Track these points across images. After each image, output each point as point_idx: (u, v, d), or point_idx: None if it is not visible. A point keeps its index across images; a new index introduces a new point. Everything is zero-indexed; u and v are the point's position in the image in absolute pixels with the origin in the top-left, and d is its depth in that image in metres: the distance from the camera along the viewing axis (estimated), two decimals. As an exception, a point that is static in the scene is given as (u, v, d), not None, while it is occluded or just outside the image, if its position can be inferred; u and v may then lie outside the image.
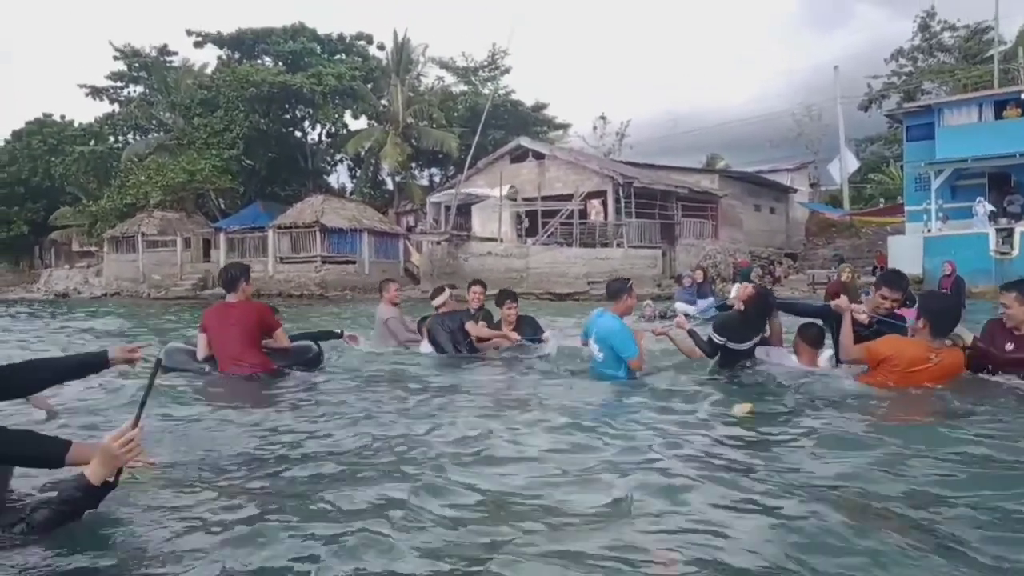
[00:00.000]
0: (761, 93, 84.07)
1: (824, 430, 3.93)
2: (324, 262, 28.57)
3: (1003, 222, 21.58)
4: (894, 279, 5.23)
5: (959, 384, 4.57)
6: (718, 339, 5.57)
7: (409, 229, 33.18)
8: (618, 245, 26.34)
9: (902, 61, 43.34)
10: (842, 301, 5.08)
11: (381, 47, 40.51)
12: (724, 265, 26.00)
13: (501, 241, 27.51)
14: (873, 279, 17.80)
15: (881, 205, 35.36)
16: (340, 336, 6.71)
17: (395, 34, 38.34)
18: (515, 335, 7.03)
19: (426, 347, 7.30)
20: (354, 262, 28.93)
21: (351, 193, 39.66)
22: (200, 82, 36.95)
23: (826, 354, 5.40)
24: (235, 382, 5.25)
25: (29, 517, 2.25)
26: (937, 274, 15.96)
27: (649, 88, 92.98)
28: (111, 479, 2.36)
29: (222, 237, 30.56)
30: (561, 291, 23.49)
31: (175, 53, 41.26)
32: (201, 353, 5.47)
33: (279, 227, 29.45)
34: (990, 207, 22.00)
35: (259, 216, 32.29)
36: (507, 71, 43.43)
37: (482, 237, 28.15)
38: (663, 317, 12.57)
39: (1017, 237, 20.56)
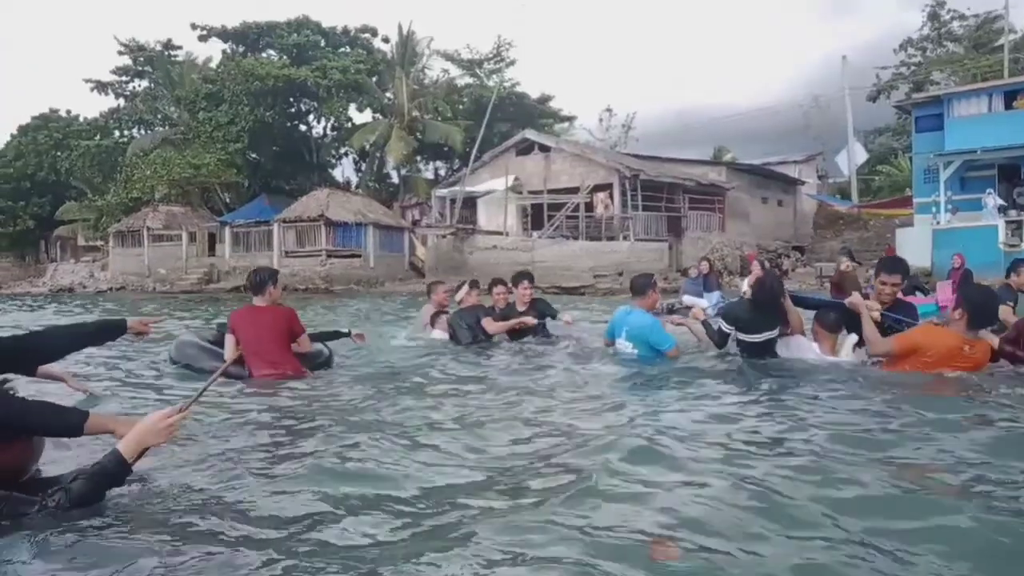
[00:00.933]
0: (769, 84, 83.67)
1: (835, 415, 3.89)
2: (329, 256, 28.56)
3: (1012, 214, 21.38)
4: (890, 263, 5.23)
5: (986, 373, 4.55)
6: (726, 328, 5.54)
7: (414, 223, 33.13)
8: (624, 238, 26.21)
9: (911, 51, 42.92)
10: (856, 299, 5.01)
11: (386, 40, 40.39)
12: (731, 258, 25.87)
13: (507, 235, 27.43)
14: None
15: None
16: (348, 335, 6.65)
17: (400, 27, 38.18)
18: (530, 319, 7.10)
19: (438, 334, 7.40)
20: (359, 256, 28.91)
21: (356, 187, 39.62)
22: (205, 76, 36.97)
23: (850, 339, 5.26)
24: (266, 383, 5.27)
25: (68, 487, 2.34)
26: (946, 266, 15.80)
27: (655, 80, 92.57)
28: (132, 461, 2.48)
29: (227, 231, 30.60)
30: (567, 285, 23.39)
31: (179, 47, 41.32)
32: (229, 355, 5.43)
33: (284, 221, 29.46)
34: (999, 200, 21.78)
35: (264, 210, 32.30)
36: (512, 63, 43.29)
37: (487, 231, 28.06)
38: (670, 311, 12.48)
39: (1027, 229, 20.37)
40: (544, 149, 30.15)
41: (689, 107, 79.11)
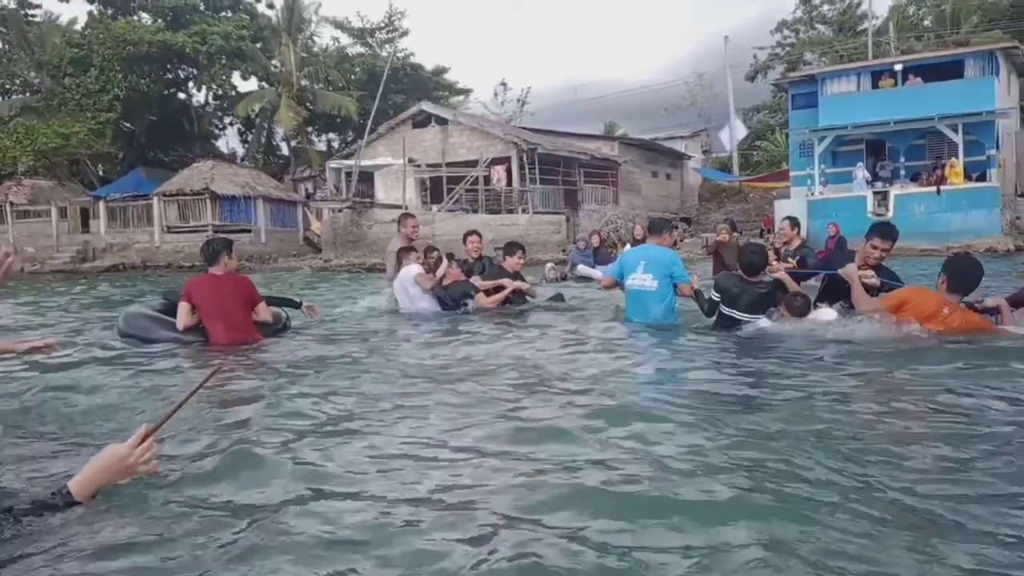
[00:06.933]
0: (657, 62, 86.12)
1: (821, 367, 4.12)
2: (216, 231, 27.16)
3: (878, 186, 23.21)
4: (885, 230, 5.43)
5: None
6: (715, 296, 5.55)
7: (308, 196, 32.08)
8: (523, 211, 26.50)
9: (786, 32, 45.30)
10: (850, 268, 5.14)
11: (270, 5, 38.58)
12: (625, 231, 26.69)
13: (406, 208, 27.06)
14: (761, 240, 18.74)
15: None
16: (299, 306, 6.44)
17: (285, -9, 36.57)
18: (524, 284, 7.71)
19: (426, 304, 7.49)
20: (249, 231, 27.73)
21: (243, 159, 37.87)
22: (70, 39, 33.98)
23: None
24: (233, 349, 5.22)
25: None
26: (821, 234, 16.94)
27: (548, 55, 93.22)
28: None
29: (101, 206, 28.54)
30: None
31: (38, 6, 37.73)
32: (183, 323, 5.41)
33: (165, 195, 27.77)
34: (867, 173, 23.57)
35: (142, 183, 30.33)
36: (405, 33, 42.45)
37: (386, 204, 27.59)
38: (564, 279, 12.85)
39: (891, 199, 22.17)
40: (441, 122, 29.89)
41: (581, 83, 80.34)
